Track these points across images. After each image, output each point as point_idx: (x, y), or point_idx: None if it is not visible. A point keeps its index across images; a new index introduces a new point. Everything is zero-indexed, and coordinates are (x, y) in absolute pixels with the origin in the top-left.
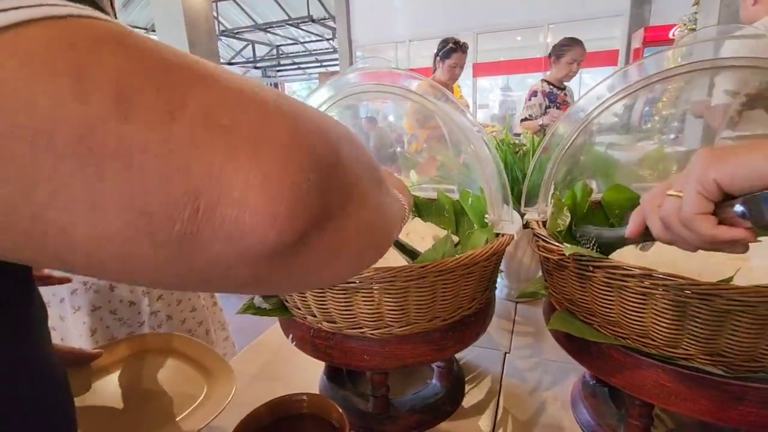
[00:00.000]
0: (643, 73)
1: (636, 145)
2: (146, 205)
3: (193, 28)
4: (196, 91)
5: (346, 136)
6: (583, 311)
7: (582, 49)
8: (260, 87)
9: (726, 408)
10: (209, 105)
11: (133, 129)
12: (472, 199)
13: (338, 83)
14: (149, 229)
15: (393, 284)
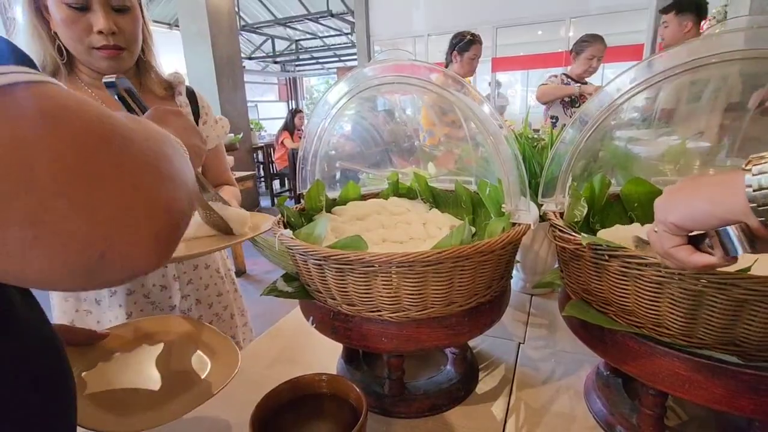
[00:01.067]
0: (665, 65)
1: (657, 140)
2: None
3: (216, 23)
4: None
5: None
6: (598, 300)
7: (602, 45)
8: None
9: (740, 397)
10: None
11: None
12: (489, 190)
13: (358, 76)
14: (71, 272)
15: (412, 269)
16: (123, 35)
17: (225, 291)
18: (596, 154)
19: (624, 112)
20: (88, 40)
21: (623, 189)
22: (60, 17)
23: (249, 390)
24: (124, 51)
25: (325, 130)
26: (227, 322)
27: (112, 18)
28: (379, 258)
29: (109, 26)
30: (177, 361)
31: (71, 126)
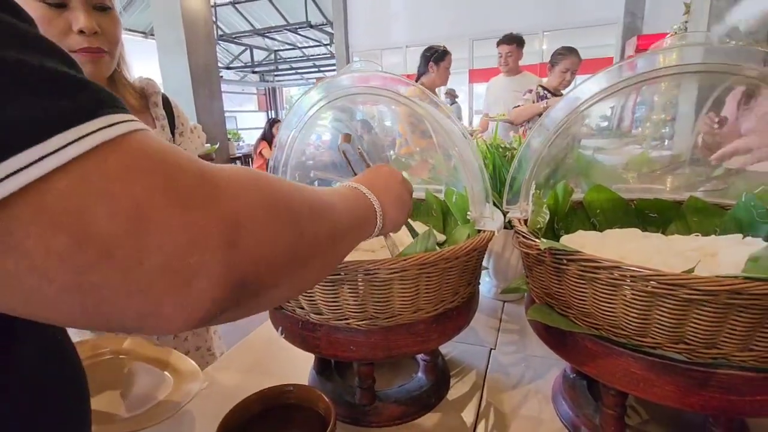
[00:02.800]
0: (625, 74)
1: (623, 149)
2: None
3: (192, 32)
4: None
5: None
6: (560, 304)
7: (577, 58)
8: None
9: (690, 394)
10: (166, 258)
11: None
12: (456, 197)
13: (329, 86)
14: (106, 324)
15: (377, 276)
16: (105, 36)
17: None
18: (560, 162)
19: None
20: (66, 42)
21: (586, 196)
22: (34, 17)
23: (219, 403)
24: (105, 54)
25: (296, 140)
26: (202, 335)
27: (93, 16)
28: (345, 266)
29: (91, 25)
30: (136, 379)
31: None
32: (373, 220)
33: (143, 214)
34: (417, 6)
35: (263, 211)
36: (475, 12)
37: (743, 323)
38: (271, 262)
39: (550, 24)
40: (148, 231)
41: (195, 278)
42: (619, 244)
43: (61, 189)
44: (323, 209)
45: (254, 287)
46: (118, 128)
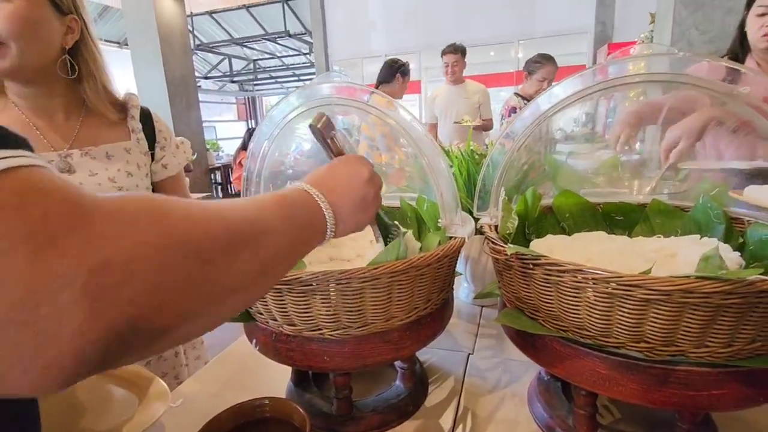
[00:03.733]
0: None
1: (595, 154)
2: None
3: (167, 42)
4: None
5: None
6: (529, 307)
7: (553, 66)
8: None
9: (652, 390)
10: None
11: None
12: (427, 205)
13: (301, 95)
14: None
15: (349, 286)
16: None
17: None
18: (529, 168)
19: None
20: None
21: (555, 201)
22: None
23: (195, 420)
24: (1, 45)
25: (269, 150)
26: (169, 361)
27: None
28: (315, 276)
29: None
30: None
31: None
32: (320, 226)
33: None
34: (395, 15)
35: (151, 250)
36: (452, 21)
37: (697, 321)
38: (163, 306)
39: (525, 33)
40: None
41: (48, 332)
42: (586, 247)
43: None
44: (252, 239)
45: (146, 333)
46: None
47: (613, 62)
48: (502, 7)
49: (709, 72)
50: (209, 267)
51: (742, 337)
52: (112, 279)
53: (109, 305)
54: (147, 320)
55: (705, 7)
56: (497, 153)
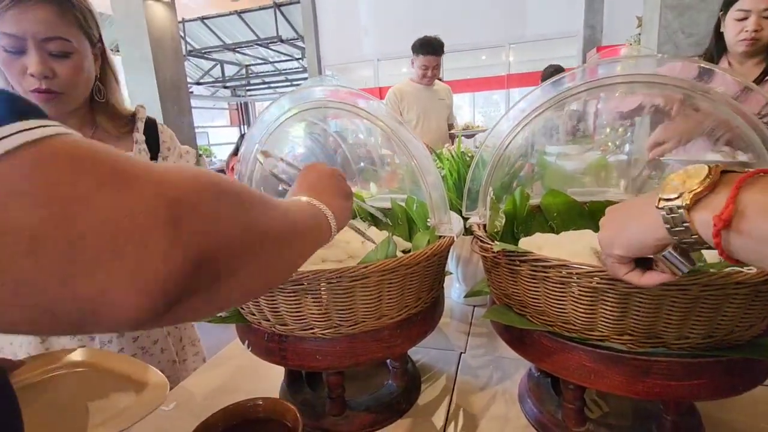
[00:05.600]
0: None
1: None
2: (50, 308)
3: (159, 48)
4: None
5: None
6: (517, 304)
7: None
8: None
9: (635, 382)
10: (102, 239)
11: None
12: (417, 205)
13: (292, 99)
14: (50, 321)
15: (339, 284)
16: (58, 80)
17: None
18: (518, 168)
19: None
20: (24, 82)
21: (542, 200)
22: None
23: (189, 422)
24: (59, 95)
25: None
26: (156, 355)
27: (48, 62)
28: (306, 276)
29: (40, 70)
30: (95, 392)
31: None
32: (327, 228)
33: (72, 199)
34: (386, 20)
35: (207, 193)
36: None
37: (677, 312)
38: (222, 242)
39: (516, 37)
40: (78, 214)
41: (140, 256)
42: (573, 244)
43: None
44: (276, 206)
45: (211, 269)
46: (41, 131)
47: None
48: (492, 12)
49: (682, 72)
50: (250, 215)
51: (721, 328)
52: (184, 212)
53: (185, 234)
54: (213, 256)
55: (690, 11)
56: (486, 153)
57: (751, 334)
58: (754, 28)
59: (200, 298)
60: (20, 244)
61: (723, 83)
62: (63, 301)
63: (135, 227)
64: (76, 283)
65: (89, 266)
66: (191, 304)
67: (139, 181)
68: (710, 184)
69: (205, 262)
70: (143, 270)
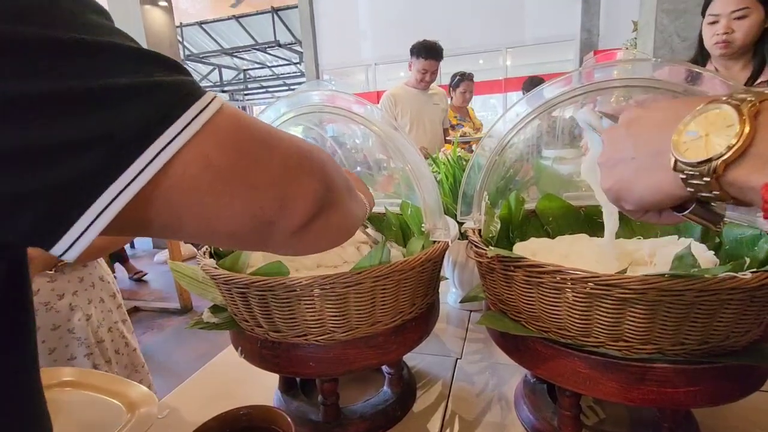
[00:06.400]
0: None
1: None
2: (260, 210)
3: None
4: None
5: (333, 167)
6: (512, 309)
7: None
8: (305, 153)
9: (631, 389)
10: (292, 168)
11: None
12: (411, 210)
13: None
14: (256, 223)
15: (333, 290)
16: None
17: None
18: (513, 173)
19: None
20: None
21: (538, 205)
22: None
23: (182, 430)
24: None
25: None
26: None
27: None
28: (299, 281)
29: None
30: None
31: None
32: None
33: (302, 156)
34: (384, 25)
35: (323, 154)
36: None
37: (672, 318)
38: (335, 180)
39: (513, 41)
40: (273, 151)
41: (308, 180)
42: (568, 249)
43: (217, 124)
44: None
45: (330, 196)
46: (217, 100)
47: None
48: (490, 16)
49: (670, 75)
50: (334, 173)
51: (716, 334)
52: (321, 163)
53: (323, 173)
54: (332, 186)
55: (686, 15)
56: (480, 157)
57: (747, 339)
58: (724, 31)
59: (323, 218)
60: (263, 159)
61: (712, 87)
62: (272, 199)
63: (304, 166)
64: (274, 188)
65: (289, 178)
66: (320, 222)
67: (287, 141)
68: (747, 138)
69: (329, 190)
70: (310, 187)
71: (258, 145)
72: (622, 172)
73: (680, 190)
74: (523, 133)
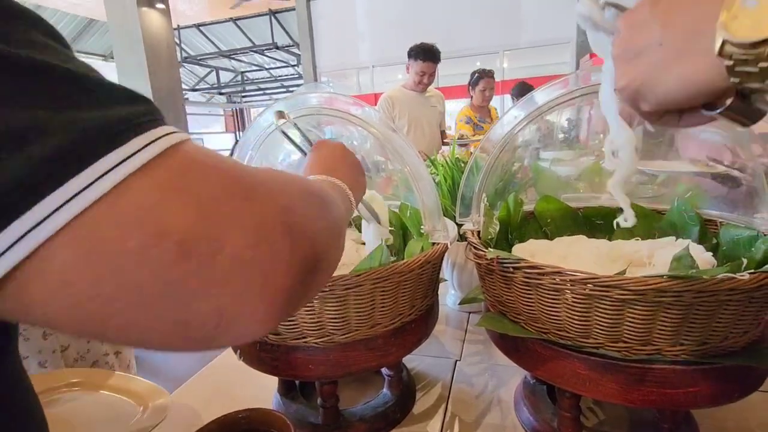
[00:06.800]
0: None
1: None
2: (186, 319)
3: (154, 55)
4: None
5: (328, 228)
6: (511, 311)
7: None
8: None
9: (630, 390)
10: (239, 248)
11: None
12: (410, 212)
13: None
14: (184, 332)
15: (332, 293)
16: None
17: None
18: (512, 175)
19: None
20: None
21: (536, 206)
22: None
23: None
24: None
25: (253, 159)
26: None
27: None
28: None
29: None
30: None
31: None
32: (350, 207)
33: (211, 207)
34: (382, 27)
35: (303, 195)
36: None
37: (671, 319)
38: (320, 240)
39: (510, 43)
40: (218, 223)
41: (269, 267)
42: (566, 250)
43: (136, 190)
44: (327, 194)
45: (314, 268)
46: (174, 137)
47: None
48: (487, 18)
49: None
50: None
51: (715, 335)
52: (294, 219)
53: (298, 239)
54: (315, 256)
55: None
56: (479, 159)
57: (745, 340)
58: None
59: (305, 298)
60: (170, 251)
61: None
62: (200, 313)
63: (264, 236)
64: (217, 291)
65: (228, 274)
66: (298, 304)
67: (258, 190)
68: None
69: (311, 262)
70: (273, 278)
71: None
72: (644, 62)
73: (721, 80)
74: (522, 135)
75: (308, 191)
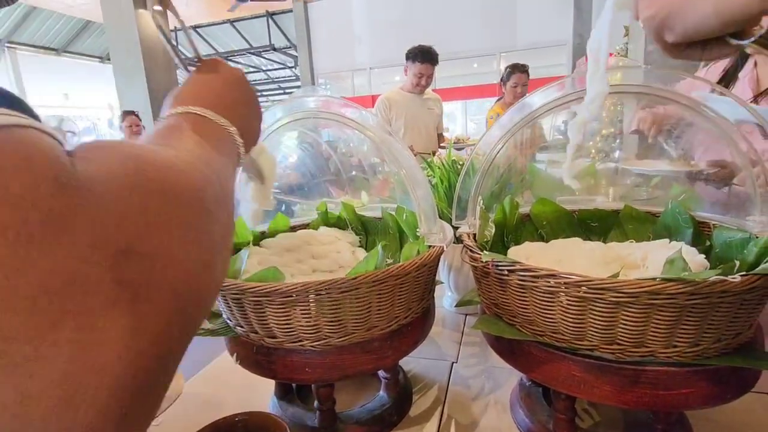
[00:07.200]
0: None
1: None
2: None
3: (151, 57)
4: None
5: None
6: (506, 314)
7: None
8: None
9: (624, 392)
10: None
11: None
12: (406, 215)
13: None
14: None
15: (329, 296)
16: None
17: None
18: (507, 177)
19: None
20: None
21: (532, 209)
22: None
23: None
24: None
25: None
26: None
27: None
28: (295, 287)
29: None
30: None
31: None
32: (235, 156)
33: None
34: (379, 29)
35: (159, 222)
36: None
37: (664, 321)
38: (179, 289)
39: (507, 45)
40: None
41: (81, 358)
42: (562, 252)
43: None
44: (204, 193)
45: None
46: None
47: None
48: (484, 21)
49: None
50: (208, 217)
51: (708, 337)
52: (142, 266)
53: (155, 298)
54: (194, 296)
55: None
56: (475, 162)
57: (738, 341)
58: None
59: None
60: None
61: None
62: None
63: (72, 304)
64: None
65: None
66: (162, 388)
67: (76, 223)
68: None
69: (183, 322)
70: (84, 383)
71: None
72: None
73: (758, 5)
74: (517, 137)
75: (174, 198)
